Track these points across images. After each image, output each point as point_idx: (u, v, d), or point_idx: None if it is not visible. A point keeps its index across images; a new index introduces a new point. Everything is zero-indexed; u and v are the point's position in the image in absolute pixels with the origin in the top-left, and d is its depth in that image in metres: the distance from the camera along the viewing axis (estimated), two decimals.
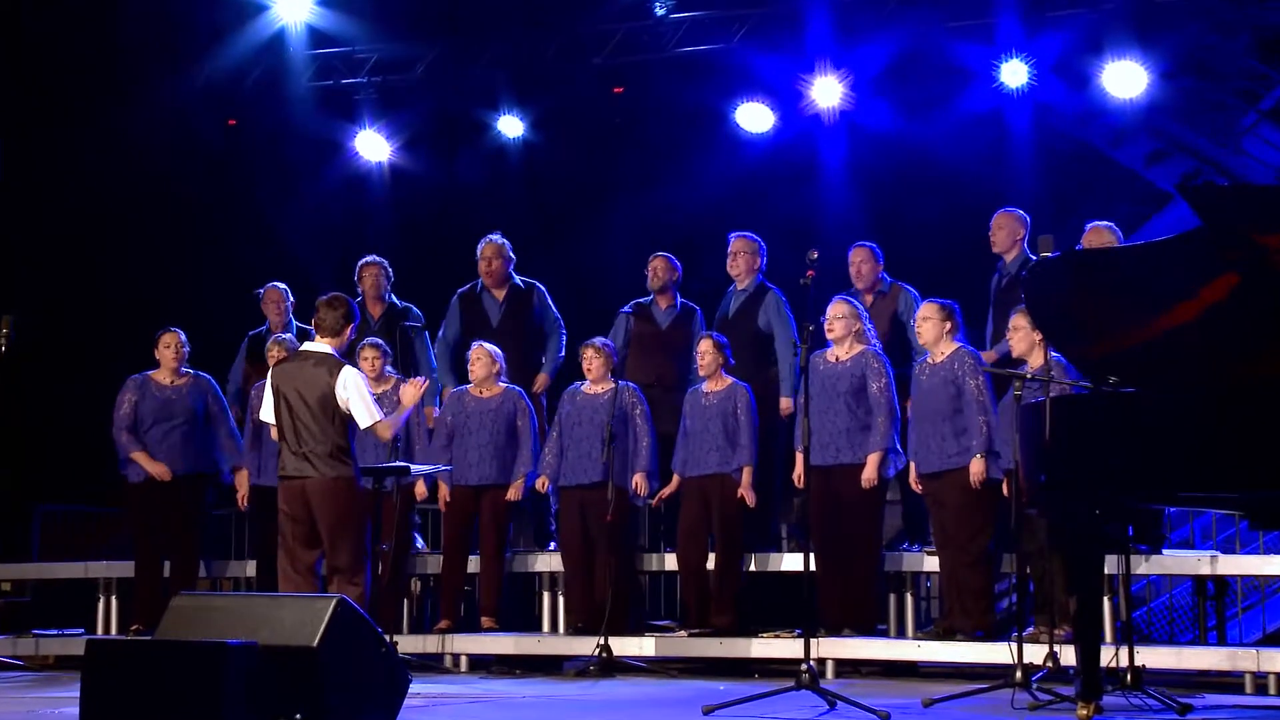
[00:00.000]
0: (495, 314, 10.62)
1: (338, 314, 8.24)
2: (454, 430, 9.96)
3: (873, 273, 9.94)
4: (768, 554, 9.72)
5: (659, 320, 10.36)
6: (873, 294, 9.95)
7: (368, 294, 10.85)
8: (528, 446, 9.88)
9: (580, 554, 9.66)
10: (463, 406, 9.95)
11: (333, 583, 8.04)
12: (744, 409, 9.43)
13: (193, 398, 10.30)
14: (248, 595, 9.02)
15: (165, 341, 10.32)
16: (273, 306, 11.00)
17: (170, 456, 10.17)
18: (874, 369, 9.10)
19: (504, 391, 9.95)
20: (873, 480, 8.98)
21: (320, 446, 8.04)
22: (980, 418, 8.66)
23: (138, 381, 10.32)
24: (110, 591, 10.77)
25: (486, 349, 9.97)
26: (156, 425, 10.20)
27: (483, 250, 10.63)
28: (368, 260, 10.90)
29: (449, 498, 9.92)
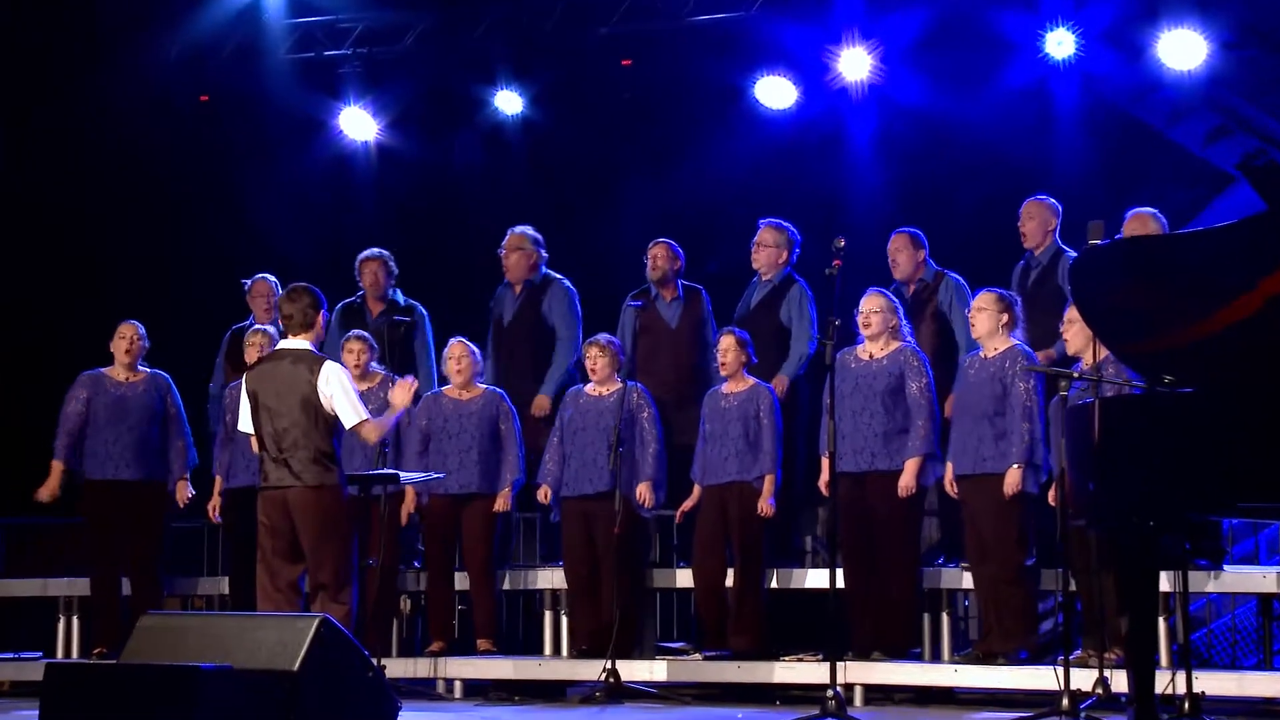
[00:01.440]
0: (510, 308, 10.67)
1: (303, 305, 8.21)
2: (430, 435, 9.94)
3: (911, 261, 9.92)
4: (791, 569, 9.71)
5: (666, 316, 10.35)
6: (914, 284, 9.93)
7: (368, 291, 10.85)
8: (514, 452, 9.90)
9: (585, 570, 9.65)
10: (440, 409, 9.94)
11: (316, 601, 8.02)
12: (767, 412, 9.42)
13: (150, 397, 10.29)
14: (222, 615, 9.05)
15: (120, 333, 10.33)
16: (260, 301, 10.96)
17: (124, 461, 10.17)
18: (913, 367, 9.09)
19: (485, 393, 9.98)
20: (911, 488, 8.97)
21: (303, 452, 8.03)
22: (1024, 424, 8.64)
23: (91, 378, 10.33)
24: (71, 611, 10.77)
25: (466, 346, 9.99)
26: (109, 426, 10.21)
27: (507, 242, 10.69)
28: (369, 254, 10.87)
29: (415, 508, 9.90)
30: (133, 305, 10.98)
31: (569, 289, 10.67)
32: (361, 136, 13.09)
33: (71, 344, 11.79)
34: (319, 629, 6.66)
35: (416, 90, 13.07)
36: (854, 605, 9.05)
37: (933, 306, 9.86)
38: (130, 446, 10.20)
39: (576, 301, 10.66)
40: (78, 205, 12.90)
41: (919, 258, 9.95)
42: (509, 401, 10.00)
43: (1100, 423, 6.53)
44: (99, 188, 12.95)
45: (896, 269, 9.96)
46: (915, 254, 9.94)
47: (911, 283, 9.95)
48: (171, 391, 10.42)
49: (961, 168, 11.90)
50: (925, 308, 9.86)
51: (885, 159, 12.21)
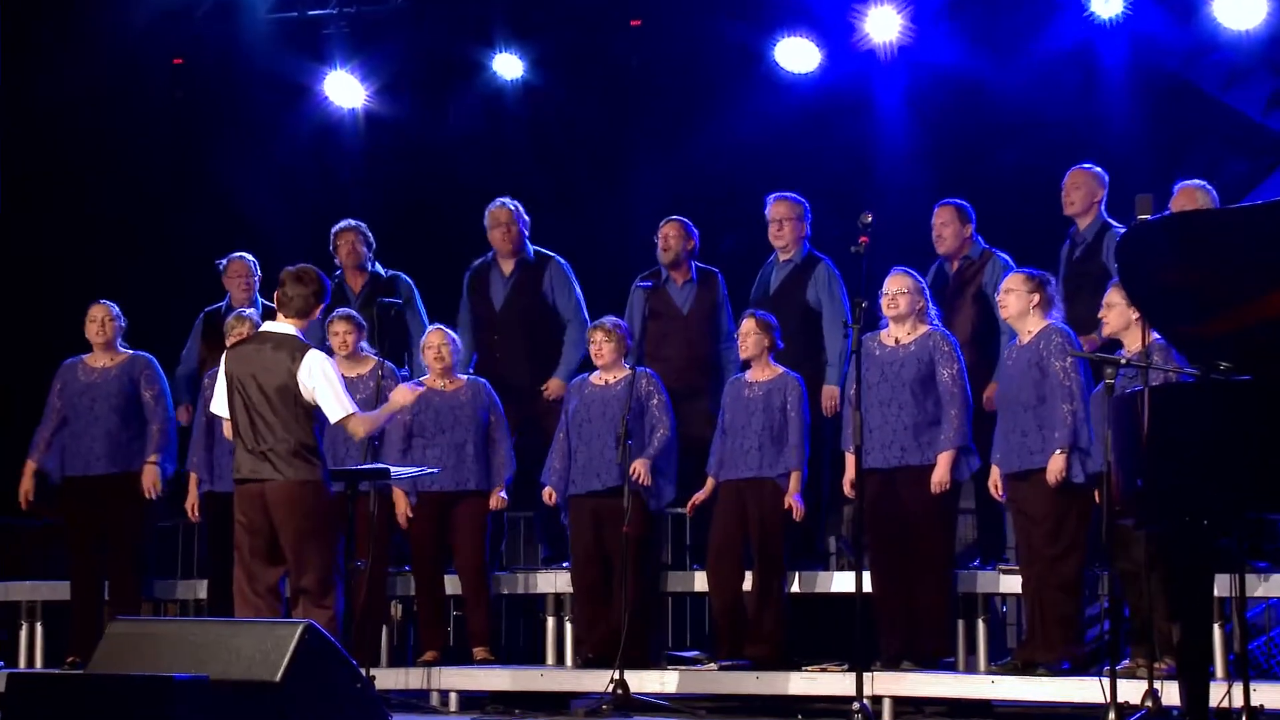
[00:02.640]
0: (500, 291, 10.62)
1: (307, 291, 8.21)
2: (412, 430, 9.94)
3: (957, 236, 9.90)
4: (814, 572, 9.71)
5: (678, 300, 10.34)
6: (958, 260, 9.92)
7: (345, 264, 10.86)
8: (505, 446, 9.92)
9: (592, 572, 9.66)
10: (425, 402, 9.91)
11: (299, 606, 8.04)
12: (794, 403, 9.41)
13: (121, 382, 10.29)
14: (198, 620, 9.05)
15: (91, 315, 10.36)
16: (237, 281, 10.98)
17: (93, 454, 10.18)
18: (944, 353, 9.08)
19: (469, 383, 9.99)
20: (944, 484, 8.96)
21: (281, 445, 8.03)
22: (1065, 405, 8.62)
23: (64, 367, 10.39)
24: (34, 617, 10.80)
25: (445, 333, 10.00)
26: (79, 418, 10.24)
27: (490, 216, 10.63)
28: (342, 226, 10.91)
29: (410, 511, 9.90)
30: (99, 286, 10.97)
31: (567, 266, 10.67)
32: (348, 103, 13.08)
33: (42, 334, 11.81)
34: (303, 636, 6.66)
35: (407, 53, 13.05)
36: (882, 611, 9.05)
37: (975, 287, 9.84)
38: (100, 438, 10.21)
39: (576, 279, 10.67)
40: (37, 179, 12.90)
41: (965, 233, 9.93)
42: (493, 391, 10.02)
43: (1149, 413, 6.52)
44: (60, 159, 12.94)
45: (941, 243, 9.94)
46: (962, 228, 9.92)
47: (955, 259, 9.93)
48: (151, 373, 10.37)
49: (998, 137, 11.90)
50: (968, 288, 9.84)
51: (915, 127, 12.20)
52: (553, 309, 10.60)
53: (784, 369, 9.52)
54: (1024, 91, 11.67)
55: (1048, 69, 11.64)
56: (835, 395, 9.85)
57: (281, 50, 12.95)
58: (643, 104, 12.95)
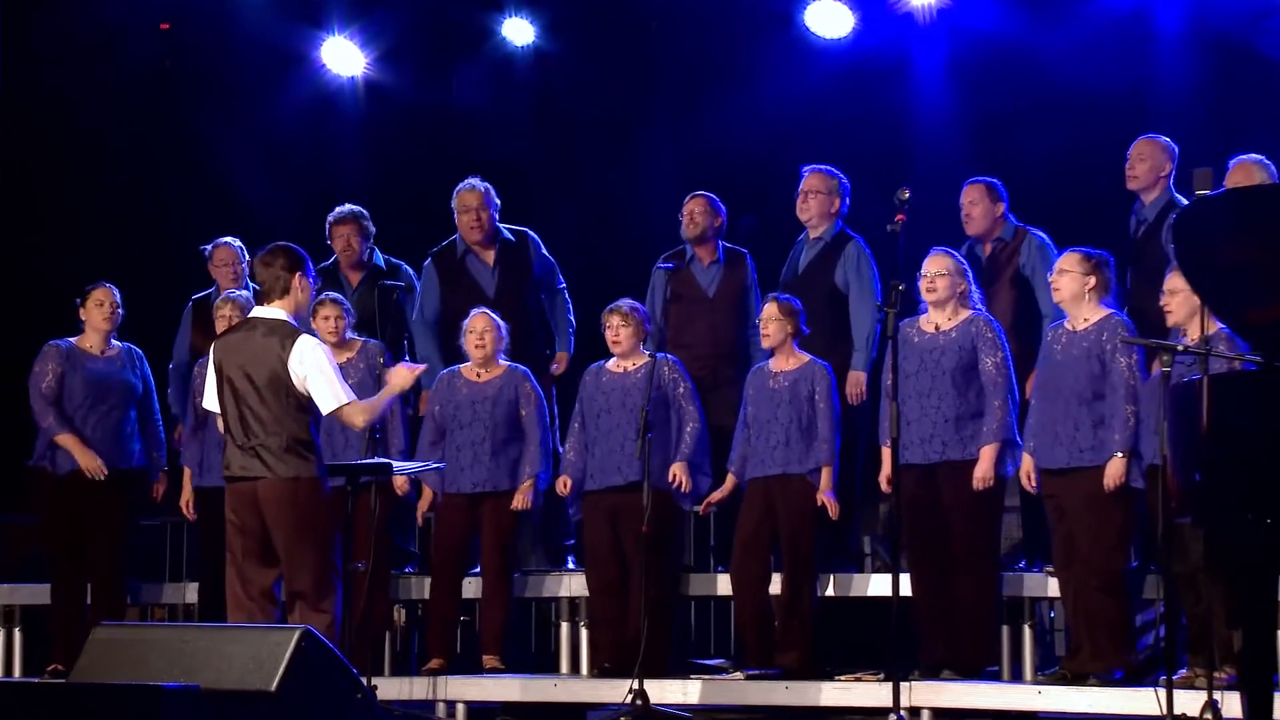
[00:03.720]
0: (489, 281, 10.60)
1: (277, 270, 8.20)
2: (443, 423, 9.95)
3: (987, 216, 9.89)
4: (848, 575, 9.72)
5: (702, 282, 10.34)
6: (991, 242, 9.91)
7: (341, 259, 10.86)
8: (536, 441, 9.89)
9: (609, 575, 9.67)
10: (454, 393, 9.93)
11: (295, 610, 8.06)
12: (823, 393, 9.41)
13: (130, 374, 10.35)
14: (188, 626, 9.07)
15: (97, 298, 10.34)
16: (224, 270, 10.97)
17: (104, 449, 10.20)
18: (987, 339, 9.06)
19: (506, 372, 9.96)
20: (988, 479, 8.95)
21: (273, 439, 8.03)
22: (1128, 408, 8.61)
23: (62, 350, 10.32)
24: (13, 621, 10.82)
25: (489, 317, 9.97)
26: (91, 408, 10.24)
27: (461, 200, 10.58)
28: (340, 214, 10.87)
29: (429, 509, 9.91)
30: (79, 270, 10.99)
31: (537, 238, 10.72)
32: (347, 72, 13.10)
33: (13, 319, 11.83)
34: (299, 643, 6.68)
35: (411, 18, 13.07)
36: (921, 616, 9.06)
37: (1012, 269, 9.83)
38: (109, 432, 10.25)
39: None
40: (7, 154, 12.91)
41: (997, 211, 9.92)
42: (534, 381, 9.98)
43: (1210, 403, 6.51)
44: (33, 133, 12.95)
45: (970, 224, 9.94)
46: (993, 207, 9.91)
47: (988, 240, 9.93)
48: (145, 369, 10.47)
49: (1045, 107, 11.85)
50: (1003, 270, 9.84)
51: (956, 97, 12.18)
52: (538, 283, 10.63)
53: (810, 357, 9.51)
54: (1073, 59, 11.64)
55: (1098, 34, 11.62)
56: (861, 382, 9.84)
57: (276, 14, 12.95)
58: (662, 72, 12.95)
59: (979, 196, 9.93)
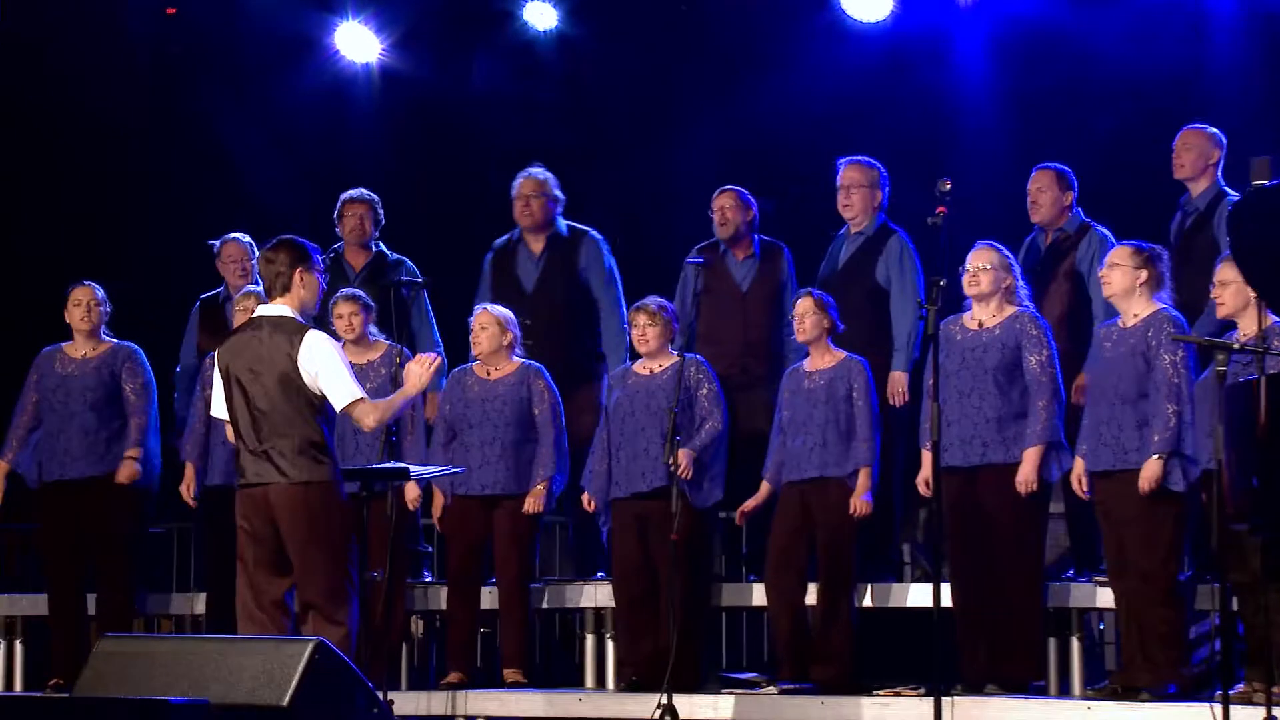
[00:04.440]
0: (530, 272, 10.62)
1: (280, 265, 8.14)
2: (454, 423, 9.96)
3: (1054, 204, 9.87)
4: (887, 584, 9.72)
5: (736, 277, 10.35)
6: (1053, 233, 9.90)
7: (348, 239, 10.87)
8: (550, 442, 9.89)
9: (637, 584, 9.67)
10: (464, 392, 9.94)
11: (308, 621, 8.03)
12: (861, 392, 9.41)
13: (102, 374, 10.32)
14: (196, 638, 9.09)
15: (75, 298, 10.37)
16: (232, 267, 10.99)
17: (69, 455, 10.21)
18: (1031, 337, 9.05)
19: (519, 369, 9.96)
20: (1032, 483, 8.93)
21: (284, 442, 8.00)
22: (1170, 406, 8.59)
23: (43, 357, 10.40)
24: (13, 634, 10.85)
25: (493, 313, 9.97)
26: (55, 413, 10.28)
27: (518, 187, 10.62)
28: (352, 195, 10.92)
29: (442, 512, 9.91)
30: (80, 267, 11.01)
31: (604, 241, 10.68)
32: (361, 58, 13.11)
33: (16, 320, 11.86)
34: (313, 656, 6.70)
35: (428, 1, 13.08)
36: (964, 627, 9.04)
37: (1069, 263, 9.82)
38: (76, 436, 10.26)
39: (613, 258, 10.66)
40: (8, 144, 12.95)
41: (1065, 201, 9.90)
42: (548, 378, 9.98)
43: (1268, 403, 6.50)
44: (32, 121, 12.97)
45: (1036, 211, 9.91)
46: (1061, 196, 9.89)
47: (1050, 230, 9.91)
48: (134, 364, 10.41)
49: (1093, 95, 11.84)
50: (1060, 263, 9.83)
51: (1000, 84, 12.16)
52: (588, 289, 10.60)
53: (846, 354, 9.51)
54: (1123, 44, 11.62)
55: (1148, 15, 11.59)
56: (902, 383, 9.83)
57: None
58: (693, 57, 12.95)
59: (1048, 183, 9.91)
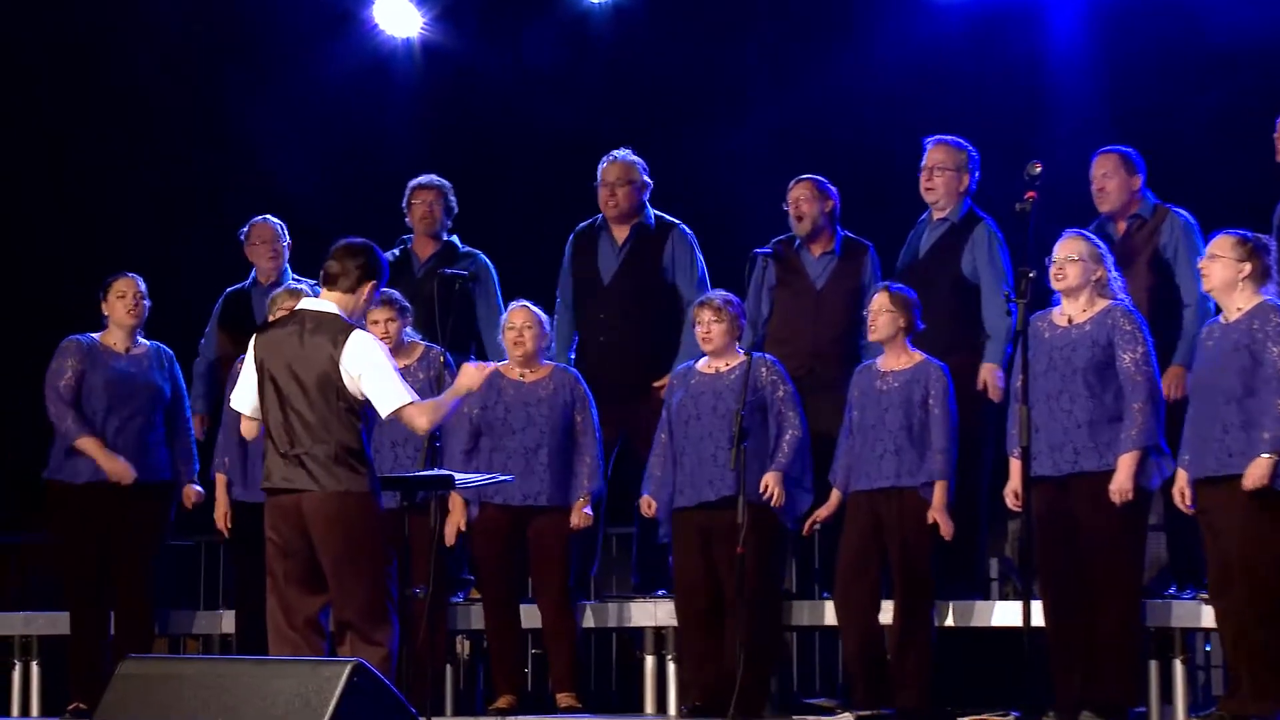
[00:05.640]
0: (610, 262, 10.66)
1: (357, 264, 8.20)
2: (482, 428, 9.98)
3: (1122, 190, 9.86)
4: (971, 602, 9.72)
5: (811, 272, 10.35)
6: (1126, 220, 9.88)
7: (417, 229, 10.93)
8: (593, 452, 9.92)
9: (701, 602, 9.69)
10: (497, 395, 9.94)
11: (345, 642, 8.08)
12: (938, 397, 9.41)
13: (158, 375, 10.38)
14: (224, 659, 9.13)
15: (118, 290, 10.34)
16: (262, 250, 11.03)
17: (131, 458, 10.23)
18: (1125, 332, 9.02)
19: (555, 373, 9.99)
20: (1127, 492, 8.91)
21: (320, 447, 8.03)
22: (1278, 401, 8.57)
23: (82, 346, 10.32)
24: (29, 654, 10.89)
25: (529, 310, 9.99)
26: (113, 411, 10.25)
27: (602, 172, 10.66)
28: (420, 182, 10.96)
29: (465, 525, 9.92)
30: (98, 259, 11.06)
31: (693, 237, 10.70)
32: (401, 32, 13.16)
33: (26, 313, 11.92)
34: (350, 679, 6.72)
35: None
36: (1056, 649, 9.02)
37: (1149, 252, 9.80)
38: (132, 440, 10.27)
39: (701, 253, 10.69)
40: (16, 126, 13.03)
41: (1133, 185, 9.89)
42: (584, 384, 10.01)
43: None
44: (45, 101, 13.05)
45: (1103, 200, 9.91)
46: (1128, 180, 9.88)
47: (1121, 219, 9.90)
48: (176, 370, 10.51)
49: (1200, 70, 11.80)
50: (1139, 253, 9.80)
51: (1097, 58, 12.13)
52: (672, 287, 10.63)
53: (924, 355, 9.50)
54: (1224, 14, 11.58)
55: None
56: (995, 375, 9.81)
57: None
58: (758, 31, 12.94)
59: (1114, 168, 9.89)
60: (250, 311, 10.90)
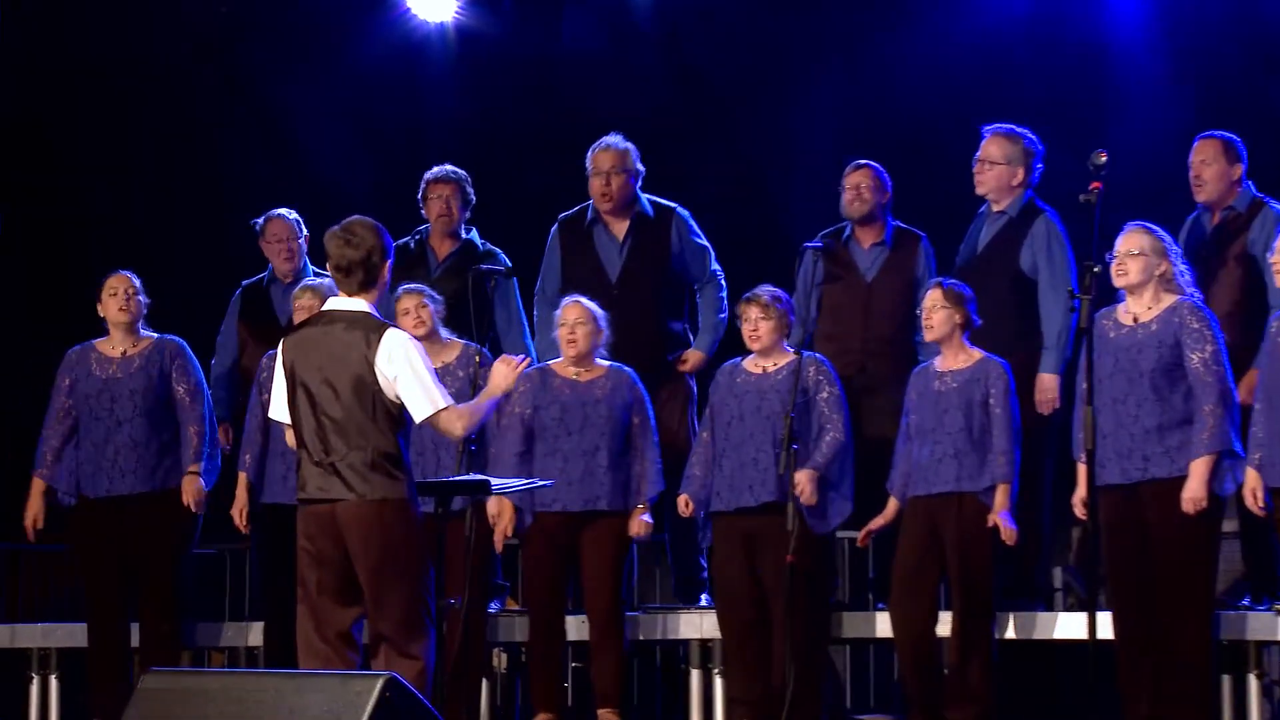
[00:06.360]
0: (613, 258, 10.66)
1: (361, 252, 8.13)
2: (534, 429, 10.01)
3: (1221, 178, 9.81)
4: (1033, 613, 9.71)
5: (861, 265, 10.37)
6: (1220, 212, 9.86)
7: (434, 225, 10.92)
8: (653, 456, 9.91)
9: (746, 613, 9.69)
10: (551, 395, 9.94)
11: (379, 655, 8.10)
12: (999, 396, 9.40)
13: (149, 375, 10.30)
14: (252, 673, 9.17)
15: (111, 287, 10.31)
16: (277, 247, 11.04)
17: (117, 469, 10.23)
18: (1192, 330, 8.99)
19: (611, 372, 9.98)
20: (1201, 500, 8.89)
21: (356, 454, 8.04)
22: None
23: (72, 357, 10.37)
24: (48, 667, 10.93)
25: (585, 306, 9.97)
26: (98, 421, 10.25)
27: (594, 160, 10.64)
28: (436, 175, 10.92)
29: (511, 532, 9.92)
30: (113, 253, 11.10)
31: (690, 216, 10.70)
32: (436, 16, 13.19)
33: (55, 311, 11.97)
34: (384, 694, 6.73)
35: None
36: (1125, 664, 9.02)
37: (1240, 245, 9.75)
38: (125, 447, 10.25)
39: None
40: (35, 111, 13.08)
41: (1234, 174, 9.83)
42: (640, 384, 9.99)
43: None
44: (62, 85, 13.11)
45: (1201, 188, 9.84)
46: (1229, 169, 9.82)
47: (1218, 210, 9.86)
48: (184, 361, 10.39)
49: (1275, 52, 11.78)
50: (1230, 246, 9.76)
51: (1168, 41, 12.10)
52: (681, 274, 10.65)
53: (984, 353, 9.49)
54: None
55: None
56: (1052, 387, 9.81)
57: None
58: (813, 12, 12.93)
59: (1213, 155, 9.83)
60: (271, 307, 10.96)
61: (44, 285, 12.99)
